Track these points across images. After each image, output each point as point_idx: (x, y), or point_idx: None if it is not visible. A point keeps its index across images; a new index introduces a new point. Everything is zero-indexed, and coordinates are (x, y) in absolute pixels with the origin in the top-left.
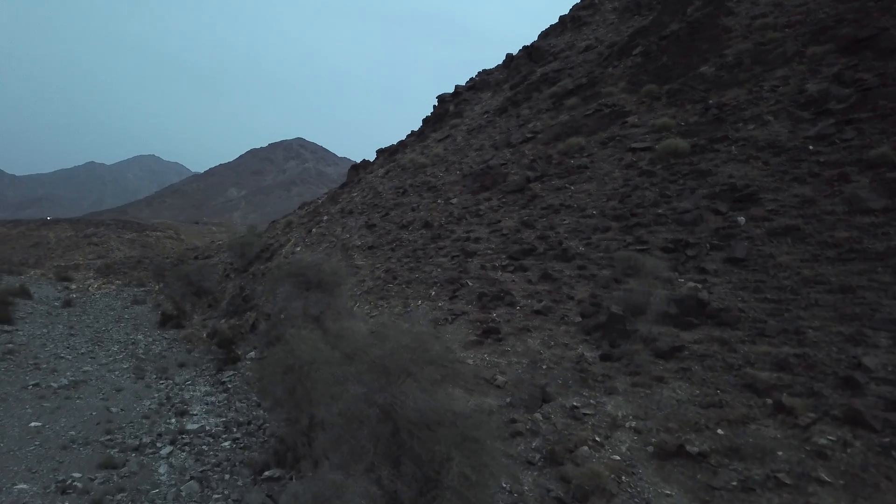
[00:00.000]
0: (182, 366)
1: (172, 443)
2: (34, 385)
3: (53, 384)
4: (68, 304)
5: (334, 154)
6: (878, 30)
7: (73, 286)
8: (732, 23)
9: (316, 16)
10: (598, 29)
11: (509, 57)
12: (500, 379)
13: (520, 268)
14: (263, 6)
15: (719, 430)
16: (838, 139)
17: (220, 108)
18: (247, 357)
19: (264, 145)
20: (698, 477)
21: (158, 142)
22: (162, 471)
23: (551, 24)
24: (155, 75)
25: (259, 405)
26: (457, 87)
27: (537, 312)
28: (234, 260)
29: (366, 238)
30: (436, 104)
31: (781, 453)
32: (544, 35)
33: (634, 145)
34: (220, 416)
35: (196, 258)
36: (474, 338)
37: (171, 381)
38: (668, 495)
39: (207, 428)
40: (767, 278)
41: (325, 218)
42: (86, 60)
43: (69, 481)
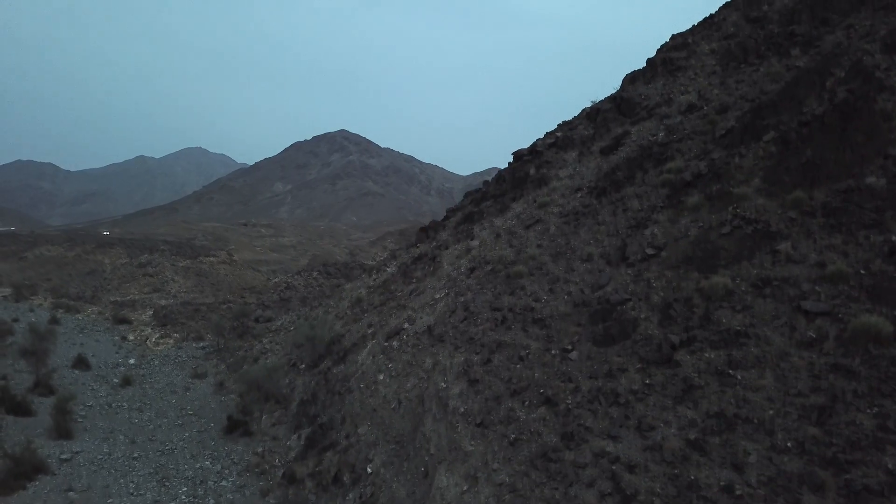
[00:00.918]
0: None
1: None
2: None
3: None
4: (127, 382)
5: (377, 145)
6: None
7: (131, 337)
8: (892, 107)
9: (354, 3)
10: (696, 78)
11: (595, 110)
12: None
13: None
14: None
15: None
16: None
17: (263, 98)
18: None
19: (307, 136)
20: None
21: (205, 134)
22: None
23: (638, 68)
24: (200, 68)
25: None
26: (536, 143)
27: None
28: (301, 356)
29: (468, 400)
30: (511, 161)
31: None
32: (631, 80)
33: (806, 306)
34: None
35: (257, 320)
36: None
37: None
38: None
39: None
40: None
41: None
42: (132, 56)
43: None
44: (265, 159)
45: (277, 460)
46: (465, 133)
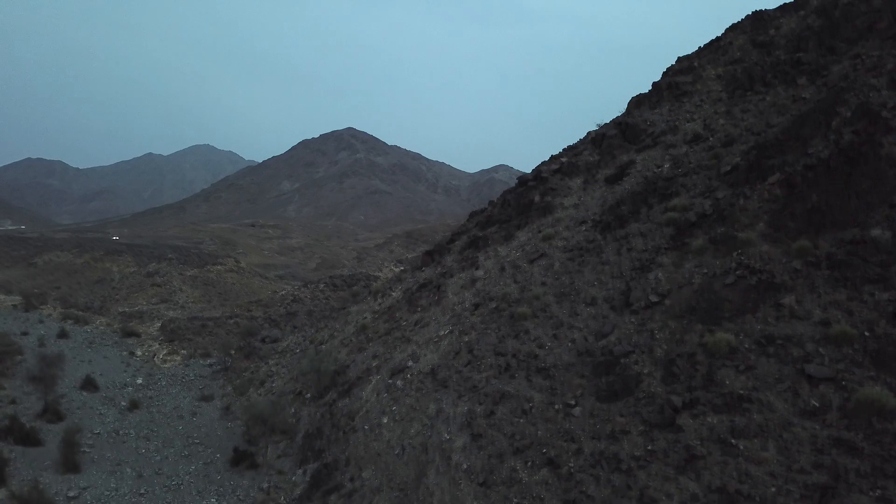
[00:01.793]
0: None
1: None
2: None
3: None
4: (135, 405)
5: (384, 143)
6: None
7: (139, 352)
8: None
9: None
10: (702, 105)
11: (600, 135)
12: None
13: None
14: None
15: None
16: None
17: (270, 95)
18: None
19: (314, 133)
20: None
21: (213, 131)
22: None
23: (643, 92)
24: (208, 65)
25: None
26: (540, 168)
27: None
28: (307, 384)
29: (471, 456)
30: (516, 184)
31: None
32: (637, 104)
33: (810, 370)
34: None
35: (263, 340)
36: None
37: None
38: None
39: None
40: None
41: (409, 344)
42: (140, 53)
43: None
44: (273, 157)
45: (283, 497)
46: (472, 130)
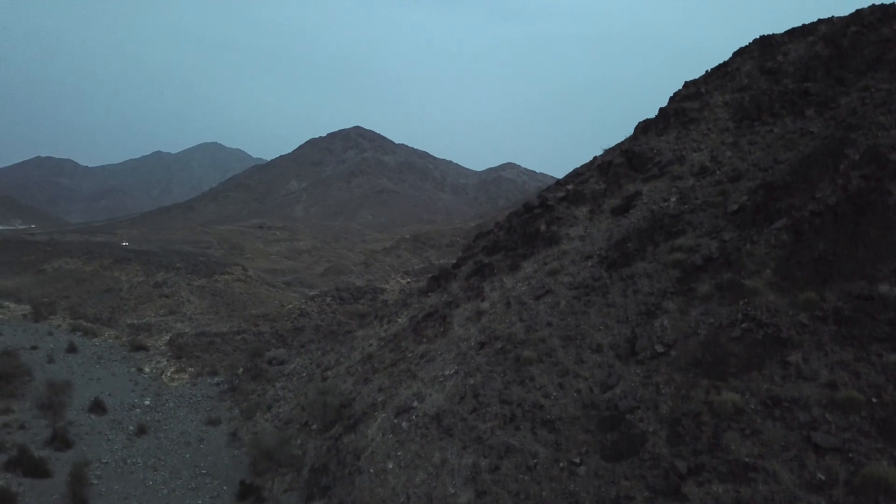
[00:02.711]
0: None
1: None
2: None
3: None
4: (142, 430)
5: (392, 141)
6: None
7: (147, 369)
8: None
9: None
10: (710, 134)
11: (606, 162)
12: None
13: None
14: None
15: None
16: None
17: (278, 93)
18: None
19: (322, 132)
20: None
21: (220, 129)
22: None
23: (649, 118)
24: (216, 63)
25: None
26: (545, 194)
27: None
28: (314, 415)
29: None
30: (522, 208)
31: None
32: (644, 129)
33: (817, 439)
34: None
35: (270, 362)
36: None
37: None
38: None
39: None
40: None
41: (415, 380)
42: (148, 51)
43: None
44: (281, 156)
45: None
46: (479, 128)
